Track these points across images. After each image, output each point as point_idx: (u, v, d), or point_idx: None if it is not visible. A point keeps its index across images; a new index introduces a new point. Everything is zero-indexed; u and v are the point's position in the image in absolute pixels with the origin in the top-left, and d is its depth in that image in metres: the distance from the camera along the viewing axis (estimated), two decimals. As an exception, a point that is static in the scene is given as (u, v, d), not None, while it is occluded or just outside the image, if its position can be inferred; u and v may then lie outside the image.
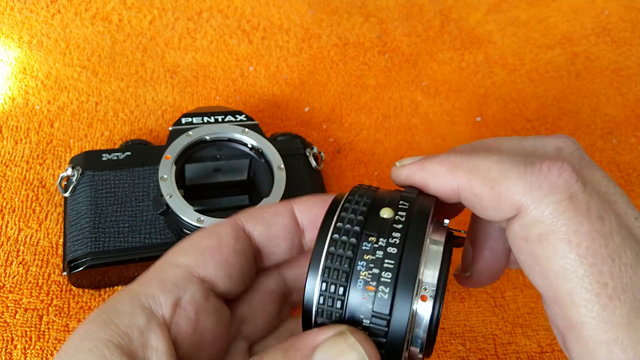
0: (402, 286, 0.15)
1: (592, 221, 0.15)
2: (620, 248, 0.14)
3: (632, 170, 0.40)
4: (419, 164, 0.18)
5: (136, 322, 0.15)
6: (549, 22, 0.49)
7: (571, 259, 0.14)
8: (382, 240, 0.15)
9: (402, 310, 0.14)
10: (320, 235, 0.16)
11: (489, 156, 0.16)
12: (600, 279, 0.14)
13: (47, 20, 0.40)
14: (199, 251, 0.17)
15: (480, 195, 0.16)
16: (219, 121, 0.31)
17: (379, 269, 0.15)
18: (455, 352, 0.29)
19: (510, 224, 0.16)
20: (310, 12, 0.46)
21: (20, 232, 0.30)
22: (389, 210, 0.16)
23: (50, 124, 0.35)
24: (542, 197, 0.15)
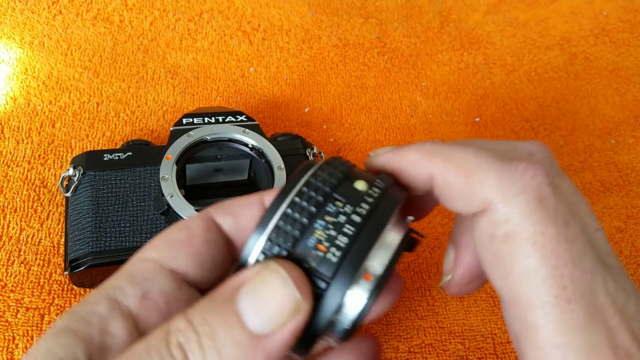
0: (354, 254, 0.14)
1: (559, 225, 0.15)
2: (582, 254, 0.15)
3: (631, 170, 0.40)
4: (395, 151, 0.17)
5: (97, 310, 0.15)
6: (547, 23, 0.50)
7: (535, 260, 0.14)
8: (348, 207, 0.15)
9: (346, 276, 0.14)
10: (288, 183, 0.15)
11: (467, 148, 0.16)
12: (561, 281, 0.14)
13: (48, 21, 0.41)
14: (169, 244, 0.17)
15: (453, 183, 0.16)
16: (219, 121, 0.31)
17: (337, 232, 0.14)
18: (455, 351, 0.29)
19: (477, 221, 0.16)
20: (310, 13, 0.46)
21: (21, 232, 0.30)
22: (363, 183, 0.16)
23: (51, 124, 0.35)
24: (513, 195, 0.15)
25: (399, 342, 0.29)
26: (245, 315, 0.14)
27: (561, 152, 0.41)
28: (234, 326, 0.13)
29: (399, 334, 0.30)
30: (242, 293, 0.14)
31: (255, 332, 0.13)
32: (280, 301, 0.14)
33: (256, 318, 0.14)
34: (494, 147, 0.18)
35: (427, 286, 0.32)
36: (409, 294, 0.31)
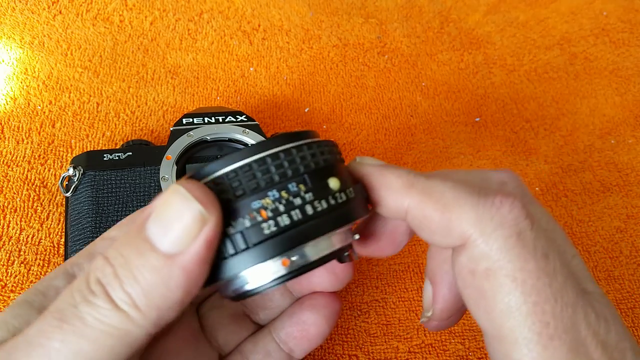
0: (286, 239, 0.14)
1: (538, 259, 0.15)
2: (563, 288, 0.15)
3: (631, 170, 0.40)
4: (378, 169, 0.17)
5: (54, 283, 0.16)
6: (547, 23, 0.50)
7: (516, 297, 0.14)
8: (309, 195, 0.15)
9: (268, 252, 0.14)
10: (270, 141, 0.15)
11: (445, 181, 0.16)
12: (543, 318, 0.14)
13: (48, 21, 0.41)
14: (127, 223, 0.18)
15: (430, 217, 0.16)
16: (219, 121, 0.31)
17: (285, 210, 0.14)
18: (455, 351, 0.29)
19: (457, 256, 0.16)
20: (310, 13, 0.46)
21: (21, 232, 0.30)
22: (336, 183, 0.16)
23: (51, 124, 0.35)
24: (491, 230, 0.15)
25: (398, 342, 0.29)
26: (155, 239, 0.14)
27: (561, 152, 0.41)
28: (147, 252, 0.14)
29: (398, 334, 0.30)
30: (150, 219, 0.14)
31: (167, 252, 0.14)
32: (184, 218, 0.14)
33: (165, 239, 0.14)
34: (466, 178, 0.18)
35: (427, 286, 0.32)
36: (408, 294, 0.31)
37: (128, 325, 0.13)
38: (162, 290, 0.13)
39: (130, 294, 0.13)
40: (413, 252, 0.33)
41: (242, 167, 0.15)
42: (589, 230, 0.36)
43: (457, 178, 0.17)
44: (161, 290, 0.13)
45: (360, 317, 0.30)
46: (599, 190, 0.38)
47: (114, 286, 0.14)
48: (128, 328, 0.13)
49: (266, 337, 0.22)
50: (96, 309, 0.13)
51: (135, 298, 0.13)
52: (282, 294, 0.22)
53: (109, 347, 0.13)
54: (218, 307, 0.23)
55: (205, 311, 0.22)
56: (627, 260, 0.35)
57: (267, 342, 0.22)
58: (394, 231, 0.19)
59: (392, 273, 0.32)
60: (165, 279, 0.13)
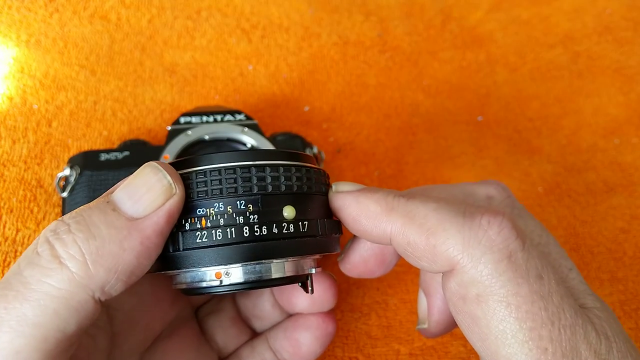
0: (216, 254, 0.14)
1: (532, 282, 0.14)
2: (560, 309, 0.14)
3: (635, 170, 0.39)
4: (355, 196, 0.16)
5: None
6: (550, 21, 0.49)
7: (510, 323, 0.14)
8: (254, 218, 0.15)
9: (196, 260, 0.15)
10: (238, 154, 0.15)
11: (427, 202, 0.15)
12: (540, 344, 0.14)
13: (45, 19, 0.40)
14: None
15: (415, 244, 0.15)
16: (218, 120, 0.30)
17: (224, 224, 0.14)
18: (457, 353, 0.29)
19: (446, 281, 0.15)
20: (310, 11, 0.46)
21: (18, 233, 0.29)
22: (291, 212, 0.15)
23: (48, 123, 0.35)
24: (480, 255, 0.14)
25: (400, 344, 0.29)
26: (119, 202, 0.14)
27: (564, 152, 0.40)
28: (108, 211, 0.14)
29: (400, 337, 0.29)
30: (118, 188, 0.14)
31: (130, 214, 0.14)
32: (152, 185, 0.14)
33: (130, 202, 0.14)
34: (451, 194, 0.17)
35: (428, 288, 0.31)
36: (410, 296, 0.31)
37: (72, 286, 0.13)
38: (116, 249, 0.13)
39: (82, 248, 0.13)
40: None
41: (202, 171, 0.15)
42: (592, 231, 0.36)
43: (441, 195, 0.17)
44: (115, 249, 0.13)
45: (361, 319, 0.30)
46: (603, 190, 0.38)
47: (66, 241, 0.13)
48: (71, 289, 0.13)
49: (263, 345, 0.22)
50: (40, 270, 0.13)
51: (86, 253, 0.13)
52: (272, 306, 0.22)
53: (53, 310, 0.13)
54: (217, 311, 0.22)
55: (204, 315, 0.22)
56: (631, 261, 0.35)
57: (264, 350, 0.22)
58: (381, 253, 0.19)
59: (394, 275, 0.32)
60: (122, 238, 0.13)
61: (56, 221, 0.14)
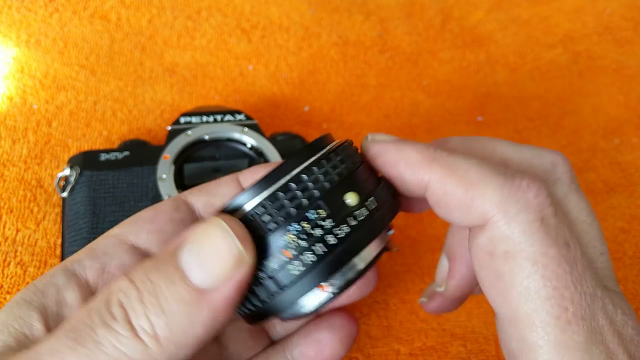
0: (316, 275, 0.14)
1: (560, 246, 0.15)
2: (582, 277, 0.15)
3: (635, 170, 0.39)
4: (395, 144, 0.17)
5: (54, 281, 0.16)
6: (550, 21, 0.49)
7: (535, 280, 0.14)
8: (328, 222, 0.14)
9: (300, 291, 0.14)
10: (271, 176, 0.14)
11: (470, 158, 0.16)
12: (562, 303, 0.14)
13: (45, 19, 0.40)
14: (133, 221, 0.17)
15: (452, 194, 0.15)
16: (218, 121, 0.30)
17: (308, 245, 0.14)
18: (456, 353, 0.29)
19: (474, 236, 0.15)
20: (310, 11, 0.46)
21: (18, 233, 0.29)
22: (355, 197, 0.15)
23: (48, 123, 0.35)
24: (515, 213, 0.15)
25: (400, 344, 0.29)
26: (188, 270, 0.13)
27: (564, 152, 0.40)
28: (177, 281, 0.13)
29: (400, 337, 0.29)
30: (185, 248, 0.14)
31: (199, 286, 0.13)
32: (222, 254, 0.13)
33: (199, 272, 0.13)
34: (517, 151, 0.17)
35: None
36: (410, 296, 0.31)
37: (144, 357, 0.13)
38: (185, 325, 0.13)
39: (154, 323, 0.13)
40: (415, 254, 0.33)
41: (260, 205, 0.14)
42: (592, 231, 0.36)
43: (499, 152, 0.17)
44: (184, 325, 0.13)
45: (361, 319, 0.30)
46: (603, 190, 0.38)
47: (137, 312, 0.13)
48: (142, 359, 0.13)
49: (279, 354, 0.21)
50: (114, 335, 0.13)
51: (157, 329, 0.13)
52: None
53: None
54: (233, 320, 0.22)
55: None
56: (631, 261, 0.35)
57: (281, 357, 0.21)
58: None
59: (394, 274, 0.32)
60: (191, 314, 0.13)
61: (127, 280, 0.13)
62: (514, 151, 0.18)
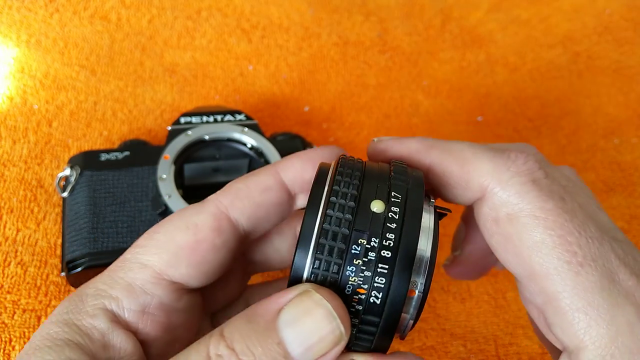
0: (396, 290, 0.14)
1: (556, 200, 0.15)
2: (584, 224, 0.15)
3: (634, 170, 0.39)
4: (397, 140, 0.18)
5: (97, 324, 0.15)
6: (550, 21, 0.49)
7: (540, 232, 0.15)
8: (374, 241, 0.14)
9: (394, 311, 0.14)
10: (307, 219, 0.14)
11: (463, 143, 0.17)
12: (570, 248, 0.15)
13: (45, 19, 0.40)
14: (171, 250, 0.16)
15: (450, 172, 0.17)
16: (218, 121, 0.30)
17: (371, 272, 0.14)
18: (456, 353, 0.29)
19: (479, 208, 0.17)
20: (310, 11, 0.46)
21: (18, 233, 0.29)
22: (380, 204, 0.15)
23: (48, 123, 0.35)
24: (508, 179, 0.16)
25: (399, 344, 0.29)
26: (289, 345, 0.14)
27: (564, 152, 0.40)
28: (279, 357, 0.13)
29: (399, 336, 0.29)
30: (283, 321, 0.14)
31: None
32: (324, 334, 0.14)
33: (300, 349, 0.14)
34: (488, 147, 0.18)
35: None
36: (410, 295, 0.31)
37: None
38: None
39: None
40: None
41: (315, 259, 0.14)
42: (592, 231, 0.36)
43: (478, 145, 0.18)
44: None
45: (361, 319, 0.30)
46: (602, 190, 0.38)
47: None
48: None
49: None
50: None
51: None
52: None
53: None
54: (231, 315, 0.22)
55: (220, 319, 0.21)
56: (631, 261, 0.35)
57: None
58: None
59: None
60: None
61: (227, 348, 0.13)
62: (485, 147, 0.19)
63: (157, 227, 0.17)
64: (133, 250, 0.17)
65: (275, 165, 0.18)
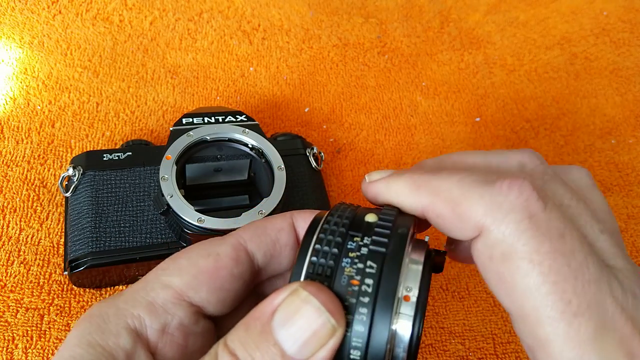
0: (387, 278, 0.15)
1: (553, 240, 0.15)
2: (583, 266, 0.14)
3: (631, 170, 0.40)
4: (385, 181, 0.18)
5: (122, 343, 0.15)
6: (548, 23, 0.50)
7: (534, 278, 0.14)
8: (367, 239, 0.15)
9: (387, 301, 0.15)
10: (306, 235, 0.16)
11: (451, 176, 0.16)
12: (564, 296, 0.14)
13: (48, 21, 0.41)
14: (193, 273, 0.17)
15: (443, 216, 0.16)
16: (219, 121, 0.31)
17: (364, 263, 0.15)
18: (455, 351, 0.29)
19: (475, 245, 0.16)
20: (310, 13, 0.46)
21: (21, 232, 0.30)
22: (373, 216, 0.16)
23: (51, 124, 0.35)
24: (502, 217, 0.15)
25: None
26: (286, 345, 0.14)
27: (561, 152, 0.40)
28: (277, 357, 0.14)
29: (399, 334, 0.30)
30: (277, 322, 0.14)
31: (297, 358, 0.14)
32: (317, 329, 0.14)
33: (295, 346, 0.14)
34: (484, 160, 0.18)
35: (427, 286, 0.32)
36: (409, 294, 0.31)
37: None
38: None
39: None
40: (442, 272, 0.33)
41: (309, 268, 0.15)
42: (589, 231, 0.36)
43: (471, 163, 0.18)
44: None
45: (360, 318, 0.30)
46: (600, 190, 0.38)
47: None
48: None
49: None
50: None
51: None
52: None
53: None
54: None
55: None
56: (628, 260, 0.35)
57: None
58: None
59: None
60: None
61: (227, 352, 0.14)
62: (482, 160, 0.18)
63: (180, 253, 0.18)
64: (155, 272, 0.17)
65: (291, 212, 0.19)
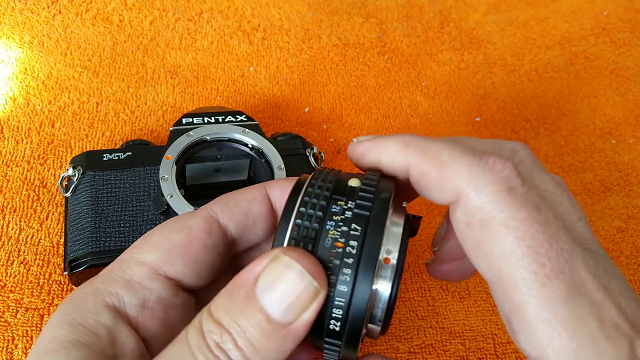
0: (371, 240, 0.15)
1: (529, 209, 0.15)
2: (556, 236, 0.15)
3: (631, 170, 0.40)
4: (375, 141, 0.18)
5: (102, 320, 0.15)
6: (548, 23, 0.50)
7: (510, 242, 0.15)
8: (350, 203, 0.16)
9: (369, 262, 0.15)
10: (290, 198, 0.16)
11: (442, 142, 0.17)
12: (538, 259, 0.15)
13: (48, 21, 0.41)
14: (167, 247, 0.17)
15: (427, 174, 0.17)
16: (219, 121, 0.31)
17: (348, 226, 0.15)
18: (455, 351, 0.29)
19: (453, 211, 0.17)
20: (310, 13, 0.46)
21: (21, 232, 0.30)
22: (356, 181, 0.17)
23: (51, 124, 0.35)
24: (483, 186, 0.16)
25: (399, 342, 0.29)
26: (270, 310, 0.14)
27: (562, 152, 0.40)
28: (263, 322, 0.14)
29: (399, 335, 0.29)
30: (260, 288, 0.15)
31: (282, 322, 0.14)
32: (299, 292, 0.14)
33: (280, 311, 0.14)
34: (479, 145, 0.18)
35: (427, 287, 0.32)
36: (409, 294, 0.31)
37: None
38: (276, 356, 0.14)
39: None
40: (414, 252, 0.33)
41: (294, 231, 0.15)
42: (589, 231, 0.36)
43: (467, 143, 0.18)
44: (276, 356, 0.14)
45: (360, 318, 0.30)
46: (600, 190, 0.38)
47: (235, 354, 0.14)
48: None
49: None
50: None
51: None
52: None
53: None
54: None
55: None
56: (628, 260, 0.35)
57: None
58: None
59: (392, 273, 0.32)
60: (281, 346, 0.14)
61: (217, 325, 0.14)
62: (478, 144, 0.19)
63: (152, 231, 0.18)
64: (129, 252, 0.17)
65: (264, 183, 0.19)
